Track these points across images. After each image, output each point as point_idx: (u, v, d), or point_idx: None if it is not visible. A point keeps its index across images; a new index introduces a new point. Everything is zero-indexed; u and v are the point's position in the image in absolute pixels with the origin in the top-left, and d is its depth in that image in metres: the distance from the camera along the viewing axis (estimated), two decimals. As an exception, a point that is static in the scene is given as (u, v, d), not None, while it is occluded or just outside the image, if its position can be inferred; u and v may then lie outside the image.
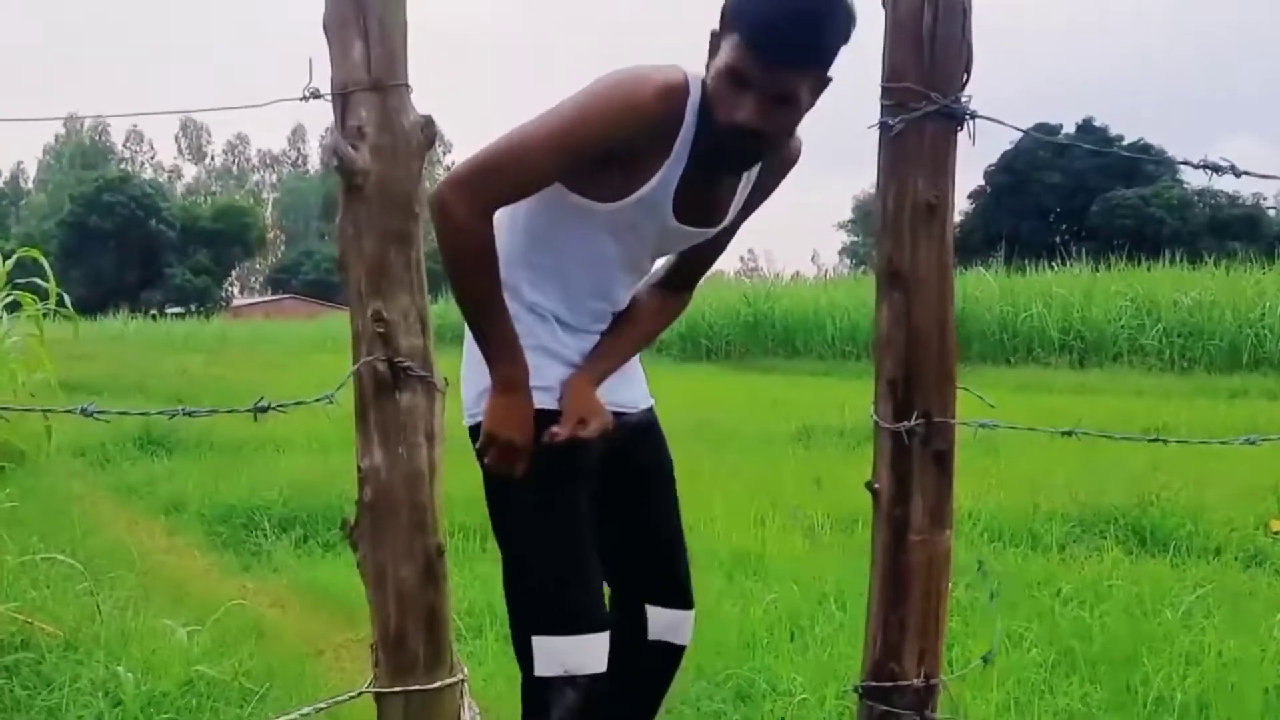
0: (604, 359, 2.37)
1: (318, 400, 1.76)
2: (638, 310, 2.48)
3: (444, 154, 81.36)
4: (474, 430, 2.29)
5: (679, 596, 2.52)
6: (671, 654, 2.53)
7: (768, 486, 7.07)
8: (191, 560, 5.70)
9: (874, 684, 1.82)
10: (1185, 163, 1.69)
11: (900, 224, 1.78)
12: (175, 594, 4.74)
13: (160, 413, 1.68)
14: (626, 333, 2.44)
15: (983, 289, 20.98)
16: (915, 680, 1.80)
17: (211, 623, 3.98)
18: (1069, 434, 1.88)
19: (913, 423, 1.79)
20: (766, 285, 26.07)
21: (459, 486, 6.28)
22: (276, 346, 30.38)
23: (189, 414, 1.69)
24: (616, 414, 2.36)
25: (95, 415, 1.57)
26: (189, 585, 4.99)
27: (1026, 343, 19.27)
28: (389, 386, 1.76)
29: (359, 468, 1.77)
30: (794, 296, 23.93)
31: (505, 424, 2.17)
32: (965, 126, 1.74)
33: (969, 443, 7.80)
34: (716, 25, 2.09)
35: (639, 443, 2.49)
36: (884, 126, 1.75)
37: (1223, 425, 9.90)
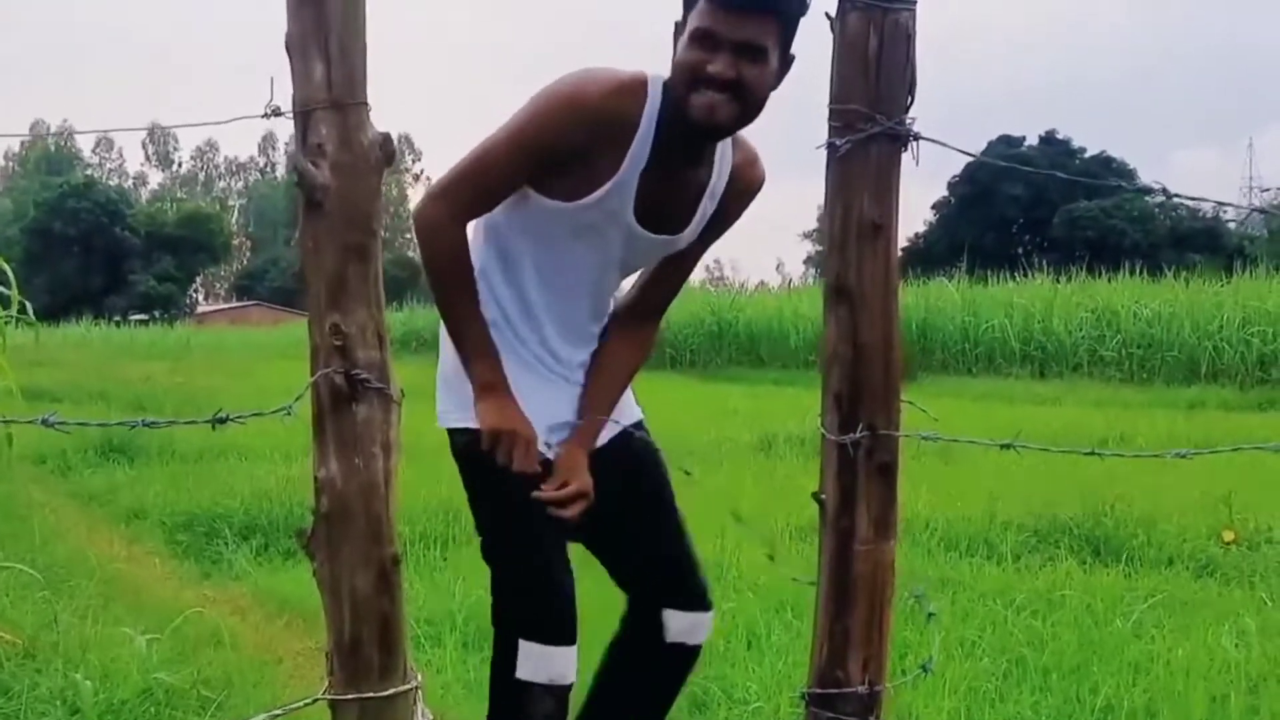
0: (595, 411, 2.43)
1: (275, 412, 1.79)
2: (612, 356, 2.51)
3: (413, 162, 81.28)
4: (453, 435, 2.37)
5: (698, 599, 2.52)
6: (688, 654, 2.55)
7: (728, 496, 7.11)
8: (151, 568, 5.69)
9: (819, 691, 1.87)
10: (1119, 186, 1.75)
11: (846, 242, 1.83)
12: (135, 602, 4.73)
13: (120, 423, 1.71)
14: (607, 381, 2.48)
15: (945, 299, 21.16)
16: (860, 687, 1.85)
17: (170, 631, 3.98)
18: (1008, 446, 1.94)
19: (858, 435, 1.84)
20: (731, 294, 26.15)
21: (419, 497, 6.32)
22: (240, 354, 30.21)
23: (149, 425, 1.72)
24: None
25: (56, 426, 1.60)
26: (149, 593, 4.99)
27: (988, 353, 19.45)
28: (346, 398, 1.79)
29: (315, 478, 1.80)
30: (758, 306, 24.06)
31: (501, 419, 2.27)
32: (909, 148, 1.79)
33: (927, 453, 7.92)
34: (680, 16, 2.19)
35: (636, 455, 2.53)
36: (831, 147, 1.81)
37: (1180, 436, 10.03)
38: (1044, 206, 46.66)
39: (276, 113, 1.80)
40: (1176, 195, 1.77)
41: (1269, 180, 44.86)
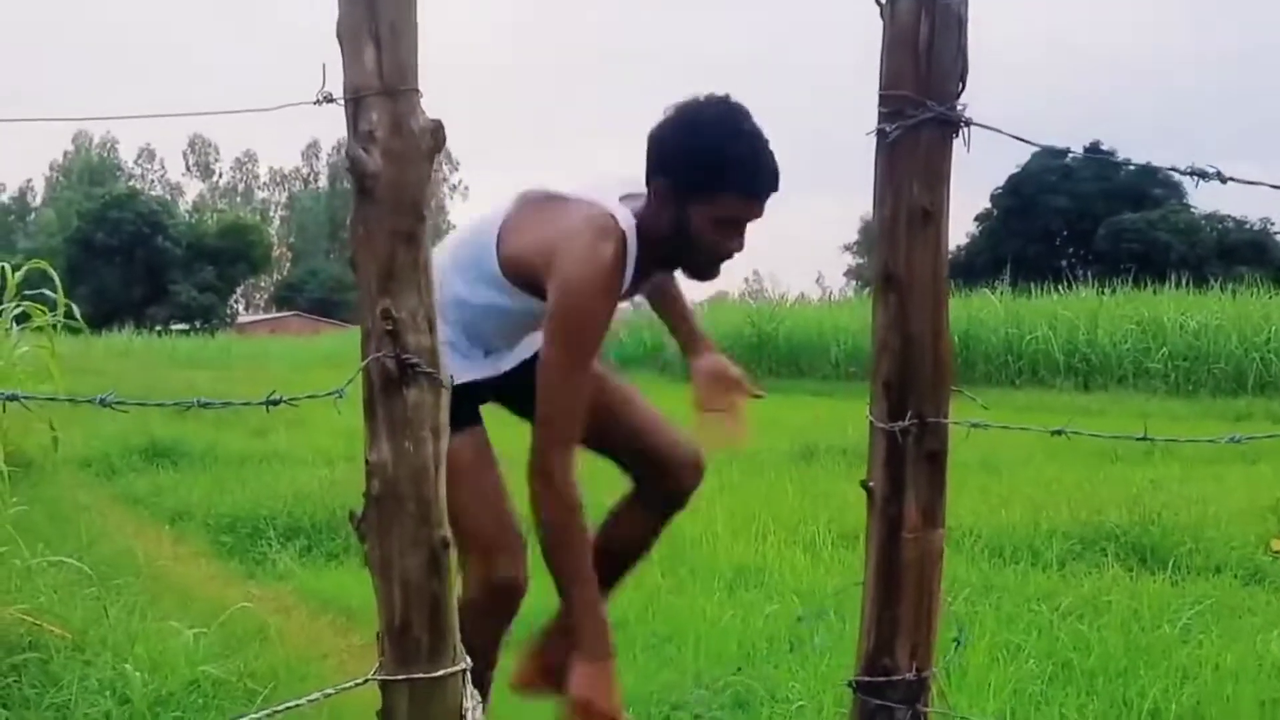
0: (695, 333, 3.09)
1: (328, 395, 1.81)
2: (678, 304, 3.13)
3: (451, 172, 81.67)
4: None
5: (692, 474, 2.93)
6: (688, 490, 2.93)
7: (769, 503, 7.11)
8: (197, 567, 5.75)
9: (867, 679, 1.86)
10: (1173, 169, 1.73)
11: (896, 230, 1.83)
12: (181, 599, 4.78)
13: (176, 404, 1.73)
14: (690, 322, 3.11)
15: (988, 311, 21.02)
16: (908, 674, 1.84)
17: (217, 626, 4.02)
18: (1059, 433, 1.93)
19: (907, 423, 1.83)
20: (771, 306, 26.11)
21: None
22: (282, 362, 30.48)
23: (204, 405, 1.74)
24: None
25: (114, 405, 1.62)
26: (195, 591, 5.04)
27: (1031, 365, 19.31)
28: (396, 382, 1.80)
29: (366, 461, 1.81)
30: (798, 318, 24.01)
31: (595, 691, 2.43)
32: (960, 134, 1.79)
33: (971, 463, 7.87)
34: (661, 178, 2.49)
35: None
36: (881, 134, 1.80)
37: (1227, 447, 9.88)
38: (1088, 219, 46.27)
39: (328, 99, 1.82)
40: (1232, 179, 1.75)
41: (1316, 192, 43.86)
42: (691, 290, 3.05)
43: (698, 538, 6.11)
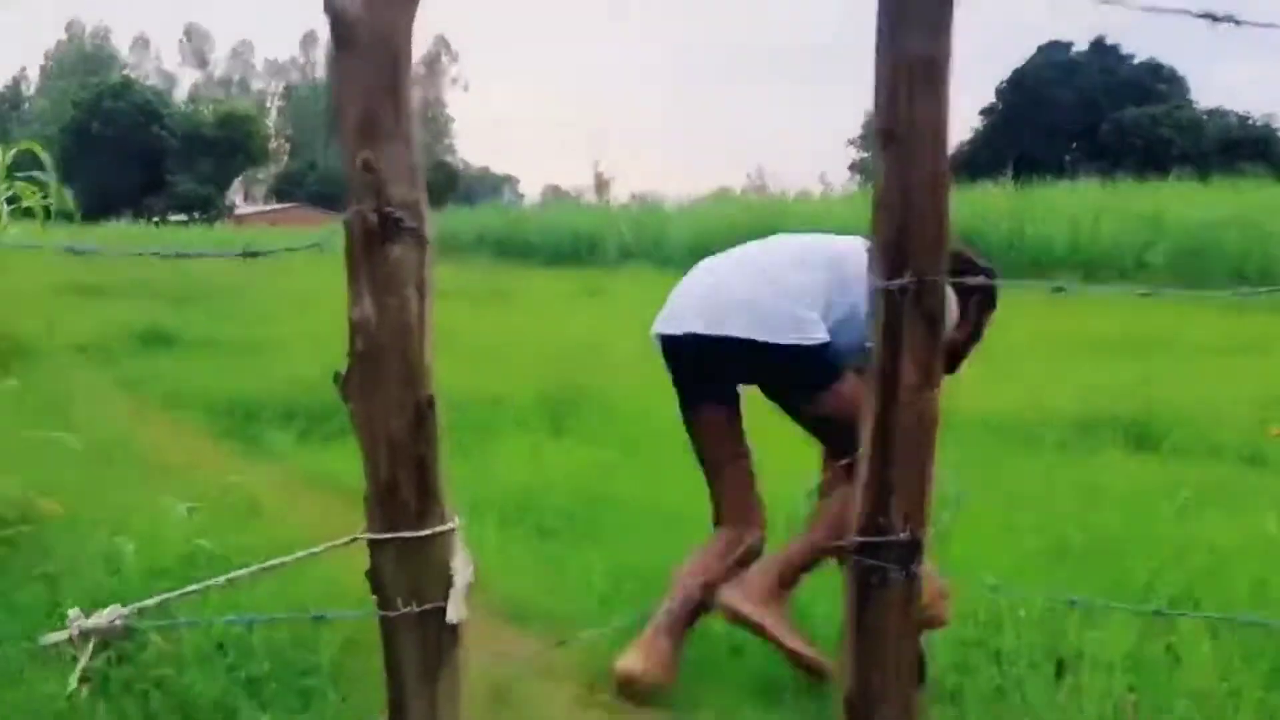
0: None
1: (306, 247, 1.76)
2: None
3: (450, 64, 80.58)
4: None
5: None
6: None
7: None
8: (194, 448, 5.75)
9: (862, 539, 1.84)
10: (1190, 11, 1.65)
11: (897, 82, 1.76)
12: (176, 477, 4.78)
13: (155, 253, 1.68)
14: None
15: (991, 205, 20.85)
16: (901, 534, 1.82)
17: (212, 502, 4.02)
18: (1060, 289, 1.87)
19: (905, 281, 1.78)
20: (773, 202, 25.95)
21: (460, 389, 6.39)
22: (282, 253, 30.27)
23: (180, 256, 1.69)
24: None
25: (79, 251, 1.57)
26: (190, 470, 5.04)
27: (1034, 258, 19.18)
28: (379, 237, 1.75)
29: (349, 319, 1.77)
30: (799, 213, 23.80)
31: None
32: (965, -24, 1.71)
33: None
34: None
35: None
36: (883, -25, 1.73)
37: (1226, 339, 9.89)
38: (1092, 114, 45.73)
39: (308, -61, 1.74)
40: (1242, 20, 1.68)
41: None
42: (692, 185, 2.88)
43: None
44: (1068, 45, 48.90)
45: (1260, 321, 11.79)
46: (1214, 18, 1.69)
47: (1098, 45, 48.86)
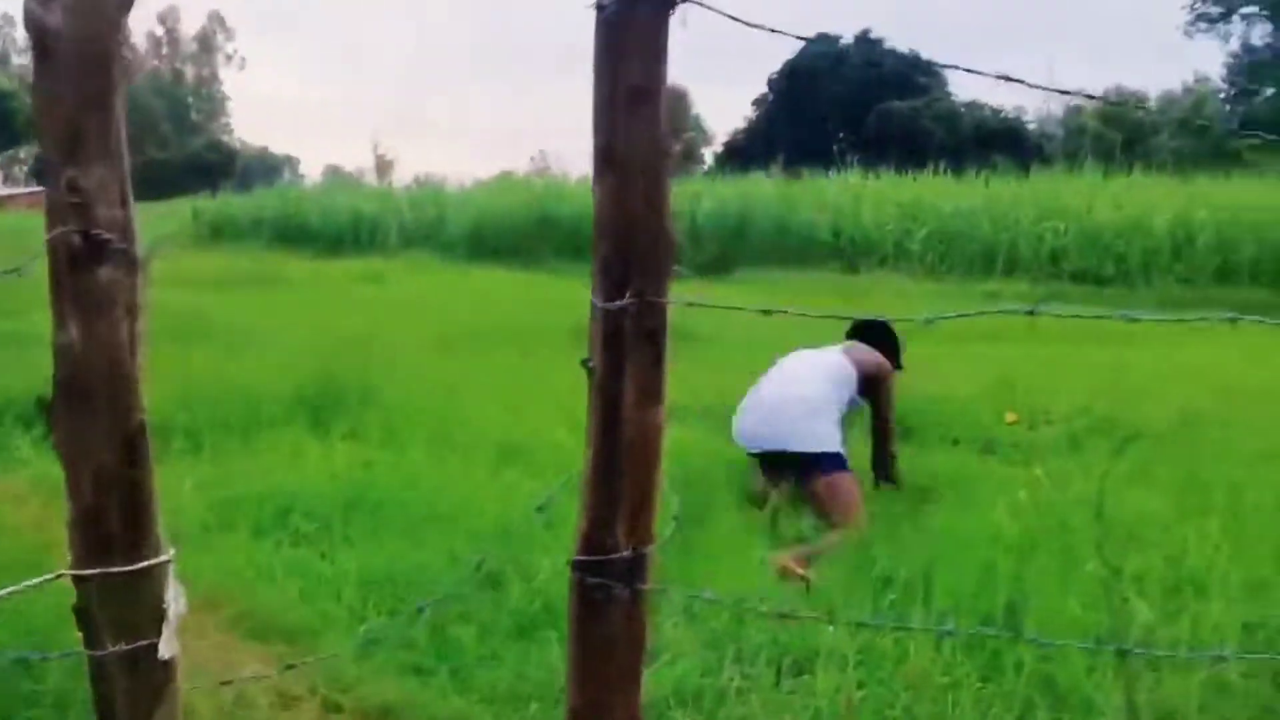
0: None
1: (6, 274, 1.68)
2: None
3: (226, 41, 77.37)
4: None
5: None
6: None
7: (540, 382, 7.11)
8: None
9: (585, 558, 1.87)
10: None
11: (615, 109, 1.79)
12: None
13: None
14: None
15: (761, 194, 21.41)
16: (625, 552, 1.85)
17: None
18: (768, 313, 1.94)
19: (626, 302, 1.82)
20: (556, 185, 25.96)
21: (218, 383, 6.15)
22: (35, 237, 28.61)
23: None
24: None
25: None
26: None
27: (801, 247, 19.80)
28: (85, 259, 1.68)
29: (54, 345, 1.70)
30: (584, 197, 23.89)
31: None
32: (676, 10, 1.75)
33: (738, 342, 8.03)
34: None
35: None
36: (599, 9, 1.75)
37: (976, 325, 10.42)
38: (859, 105, 47.40)
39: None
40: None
41: (1069, 86, 46.06)
42: (476, 168, 2.91)
43: (464, 416, 6.07)
44: (836, 38, 50.51)
45: (1003, 308, 12.50)
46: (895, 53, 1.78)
47: (863, 39, 50.65)
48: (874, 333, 5.22)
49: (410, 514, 4.36)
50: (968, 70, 2.06)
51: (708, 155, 53.22)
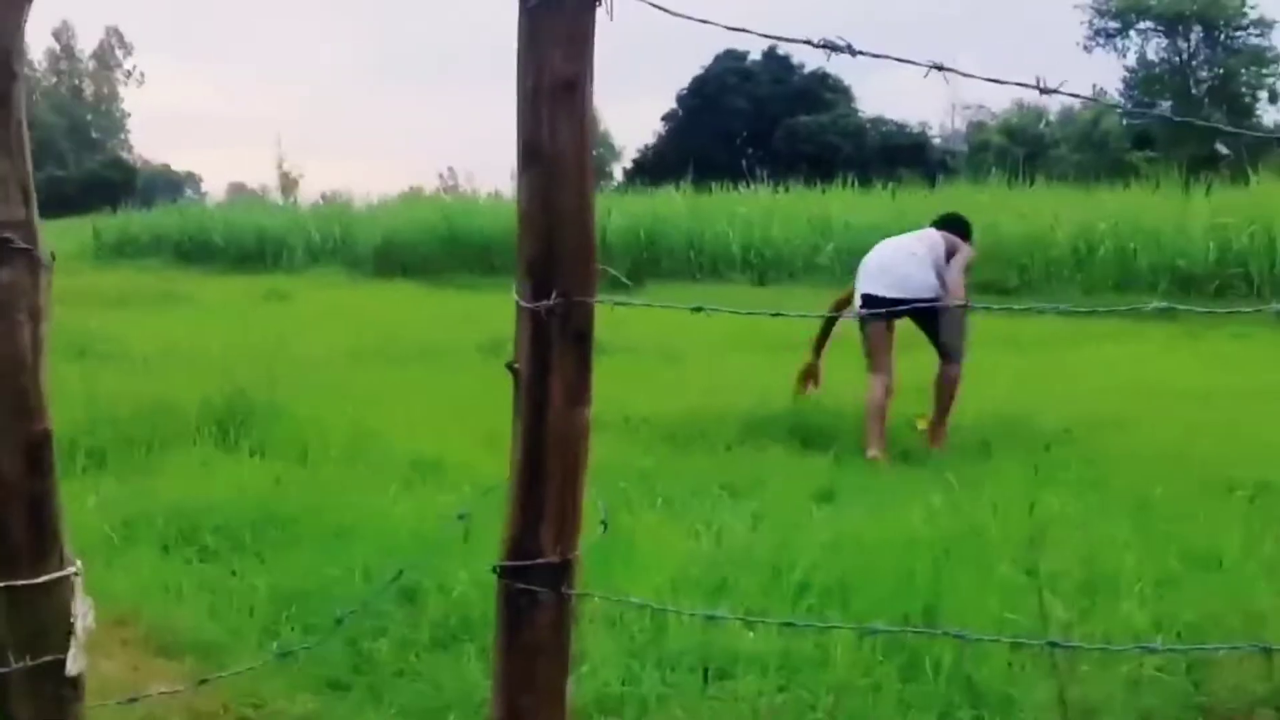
0: None
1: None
2: None
3: (125, 57, 75.81)
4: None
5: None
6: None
7: (453, 397, 7.05)
8: None
9: (512, 563, 1.83)
10: (804, 41, 1.73)
11: (539, 102, 1.76)
12: None
13: None
14: None
15: (671, 208, 21.50)
16: (551, 557, 1.82)
17: None
18: (699, 309, 1.93)
19: (552, 302, 1.79)
20: (464, 202, 25.83)
21: (125, 399, 6.01)
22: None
23: None
24: None
25: None
26: None
27: (712, 261, 19.90)
28: (-17, 260, 1.61)
29: (-48, 348, 1.62)
30: (492, 214, 23.78)
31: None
32: (604, 2, 1.73)
33: (650, 353, 8.06)
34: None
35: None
36: (522, 0, 1.73)
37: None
38: (767, 120, 47.87)
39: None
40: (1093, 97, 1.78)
41: (969, 100, 47.24)
42: (383, 185, 2.86)
43: (377, 431, 5.99)
44: (743, 54, 50.97)
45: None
46: (833, 48, 1.77)
47: (771, 55, 51.18)
48: (951, 222, 7.03)
49: (323, 529, 4.28)
50: (900, 60, 2.03)
51: (617, 171, 53.27)
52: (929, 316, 6.21)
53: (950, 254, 6.51)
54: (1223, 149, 29.68)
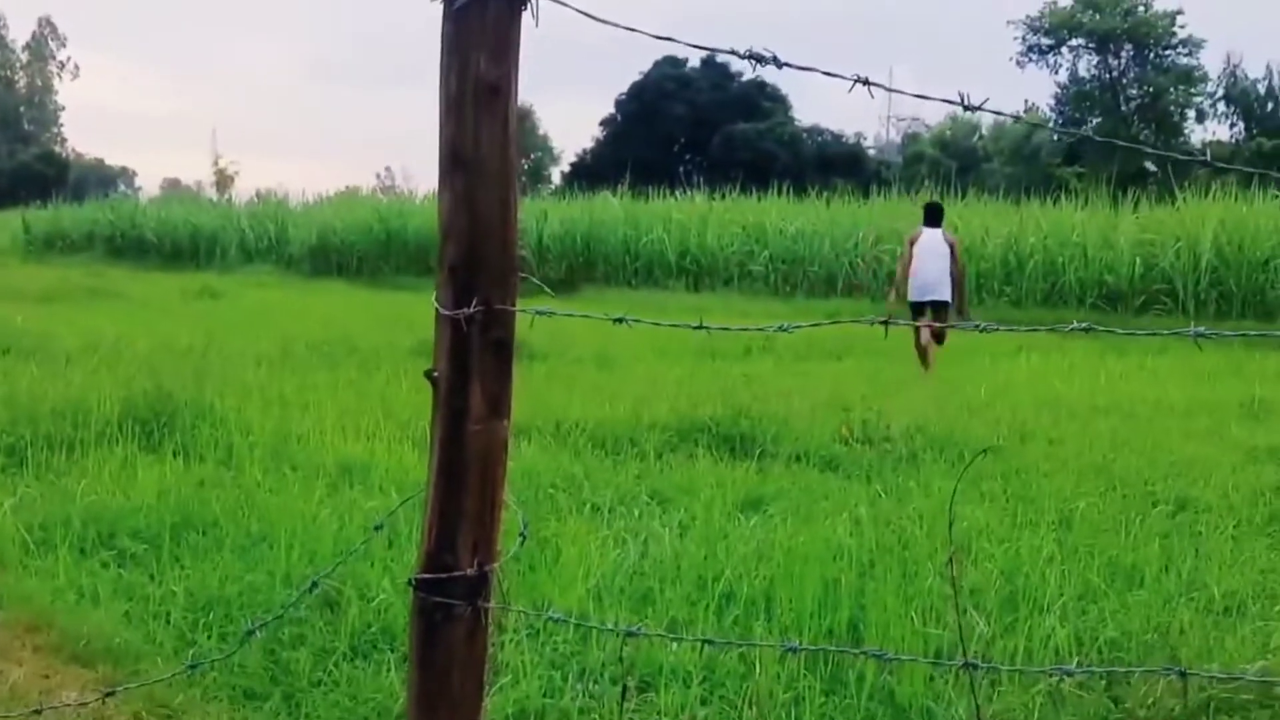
0: None
1: None
2: None
3: (59, 48, 74.30)
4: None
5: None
6: None
7: (383, 400, 6.98)
8: None
9: (427, 575, 1.79)
10: (735, 52, 1.72)
11: (463, 106, 1.73)
12: None
13: None
14: None
15: (608, 213, 21.52)
16: (469, 570, 1.78)
17: None
18: (620, 321, 1.91)
19: (472, 310, 1.76)
20: (400, 202, 25.67)
21: (45, 399, 5.90)
22: None
23: None
24: None
25: None
26: None
27: (647, 266, 19.94)
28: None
29: None
30: (430, 214, 23.60)
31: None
32: (529, 5, 1.70)
33: (585, 360, 8.06)
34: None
35: None
36: (446, 2, 1.69)
37: (816, 344, 10.65)
38: (705, 127, 48.01)
39: None
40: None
41: (903, 112, 47.76)
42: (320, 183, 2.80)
43: (303, 434, 5.91)
44: (682, 61, 51.08)
45: (843, 330, 12.80)
46: (759, 59, 1.76)
47: (709, 62, 51.35)
48: (935, 213, 10.70)
49: (245, 534, 4.21)
50: (827, 74, 2.02)
51: (555, 175, 53.16)
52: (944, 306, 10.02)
53: (950, 246, 10.19)
54: (1150, 166, 30.21)
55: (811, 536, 4.12)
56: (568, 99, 77.56)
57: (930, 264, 10.04)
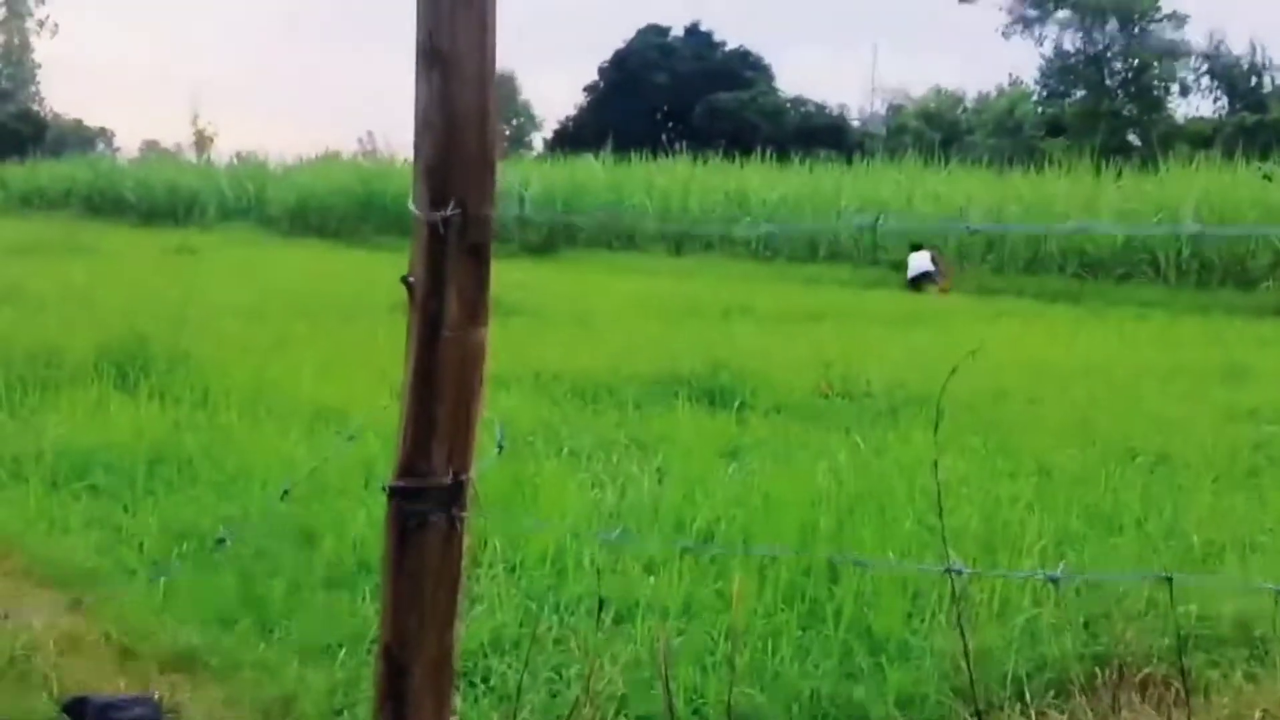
0: None
1: None
2: None
3: (37, 5, 73.37)
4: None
5: None
6: None
7: (360, 349, 6.94)
8: None
9: (402, 483, 1.76)
10: None
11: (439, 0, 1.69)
12: None
13: None
14: None
15: (590, 177, 21.42)
16: (444, 478, 1.76)
17: None
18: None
19: (449, 212, 1.72)
20: (382, 166, 25.51)
21: (18, 344, 5.84)
22: None
23: None
24: None
25: None
26: None
27: (629, 230, 19.83)
28: None
29: None
30: (406, 177, 23.46)
31: None
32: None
33: (563, 316, 8.04)
34: None
35: None
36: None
37: (796, 306, 10.64)
38: (688, 95, 47.78)
39: None
40: None
41: (888, 84, 47.66)
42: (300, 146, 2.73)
43: (279, 379, 5.87)
44: (666, 30, 50.79)
45: (824, 293, 12.82)
46: None
47: (693, 31, 51.07)
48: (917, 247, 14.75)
49: (220, 471, 4.18)
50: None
51: (537, 141, 52.89)
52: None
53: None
54: (1134, 139, 30.22)
55: (791, 482, 4.11)
56: (551, 64, 77.01)
57: (919, 262, 14.89)
